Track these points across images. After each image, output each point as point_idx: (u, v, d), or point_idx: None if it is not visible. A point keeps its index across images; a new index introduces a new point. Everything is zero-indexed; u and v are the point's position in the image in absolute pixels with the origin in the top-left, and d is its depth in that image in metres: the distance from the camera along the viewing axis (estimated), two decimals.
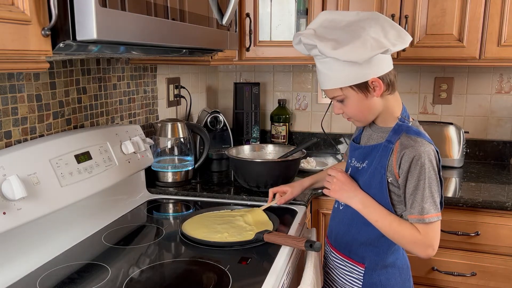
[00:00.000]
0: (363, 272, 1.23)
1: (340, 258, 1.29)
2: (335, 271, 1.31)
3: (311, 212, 1.75)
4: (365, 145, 1.25)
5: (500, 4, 1.78)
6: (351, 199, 1.20)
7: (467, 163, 2.16)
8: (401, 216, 1.18)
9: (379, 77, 1.13)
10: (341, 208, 1.29)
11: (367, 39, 1.08)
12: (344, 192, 1.22)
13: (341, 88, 1.16)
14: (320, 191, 1.73)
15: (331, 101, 1.25)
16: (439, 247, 1.66)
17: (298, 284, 1.09)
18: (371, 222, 1.17)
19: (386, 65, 1.15)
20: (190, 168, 1.77)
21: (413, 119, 1.21)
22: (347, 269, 1.27)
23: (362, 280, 1.24)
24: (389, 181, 1.16)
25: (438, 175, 1.13)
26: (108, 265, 1.12)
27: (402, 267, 1.25)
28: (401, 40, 1.12)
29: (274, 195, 1.51)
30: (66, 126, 1.40)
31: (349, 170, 1.29)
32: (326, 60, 1.13)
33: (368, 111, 1.19)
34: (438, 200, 1.12)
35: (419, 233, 1.11)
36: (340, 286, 1.30)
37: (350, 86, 1.14)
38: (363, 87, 1.14)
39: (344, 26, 1.14)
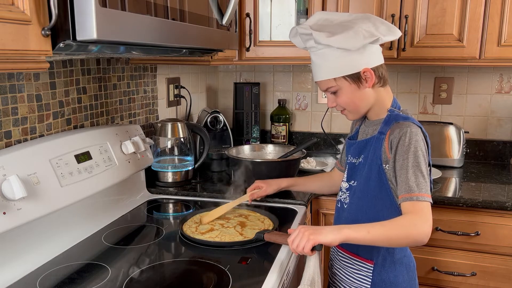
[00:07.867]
0: (372, 269, 1.24)
1: (348, 257, 1.29)
2: (342, 271, 1.31)
3: (311, 212, 1.75)
4: (359, 140, 1.28)
5: (500, 4, 1.78)
6: (329, 233, 1.06)
7: (467, 163, 2.16)
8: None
9: (370, 69, 1.19)
10: (345, 206, 1.29)
11: (360, 30, 1.15)
12: (320, 230, 1.07)
13: (334, 79, 1.21)
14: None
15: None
16: (439, 247, 1.70)
17: (298, 284, 1.09)
18: (364, 237, 1.07)
19: (377, 58, 1.21)
20: (190, 168, 1.77)
21: (404, 110, 1.25)
22: (355, 267, 1.27)
23: (371, 278, 1.24)
24: (386, 168, 1.17)
25: (426, 157, 1.13)
26: (108, 265, 1.12)
27: (409, 264, 1.27)
28: (391, 33, 1.19)
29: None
30: (66, 126, 1.40)
31: (346, 167, 1.31)
32: (321, 51, 1.19)
33: (361, 102, 1.23)
34: (428, 180, 1.12)
35: (411, 212, 1.08)
36: (348, 286, 1.30)
37: (343, 77, 1.20)
38: (356, 78, 1.20)
39: (339, 23, 1.21)
